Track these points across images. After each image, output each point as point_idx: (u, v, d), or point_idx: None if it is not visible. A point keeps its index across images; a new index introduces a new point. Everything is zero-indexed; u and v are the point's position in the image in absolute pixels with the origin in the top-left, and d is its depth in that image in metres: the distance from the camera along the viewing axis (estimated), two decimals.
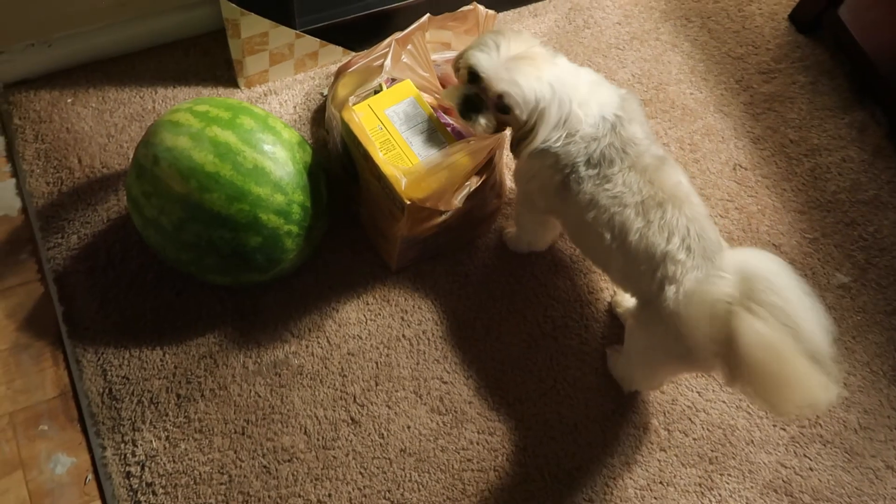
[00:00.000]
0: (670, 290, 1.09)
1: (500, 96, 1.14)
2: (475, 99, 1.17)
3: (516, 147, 1.21)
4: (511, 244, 1.45)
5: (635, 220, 1.12)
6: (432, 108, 1.30)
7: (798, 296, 1.00)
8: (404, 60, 1.36)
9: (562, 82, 1.13)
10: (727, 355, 1.03)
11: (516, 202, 1.39)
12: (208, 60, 1.56)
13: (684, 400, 1.38)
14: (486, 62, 1.13)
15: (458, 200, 1.22)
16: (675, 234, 1.10)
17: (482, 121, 1.18)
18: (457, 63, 1.20)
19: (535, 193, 1.27)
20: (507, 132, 1.24)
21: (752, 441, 1.37)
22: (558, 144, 1.16)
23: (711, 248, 1.10)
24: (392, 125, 1.24)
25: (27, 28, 1.42)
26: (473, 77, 1.15)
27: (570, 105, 1.14)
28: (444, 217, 1.28)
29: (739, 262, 1.05)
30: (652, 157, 1.15)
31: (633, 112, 1.17)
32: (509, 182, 1.47)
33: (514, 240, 1.44)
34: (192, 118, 1.20)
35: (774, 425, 1.39)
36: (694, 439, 1.36)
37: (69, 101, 1.49)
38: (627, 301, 1.38)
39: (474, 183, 1.24)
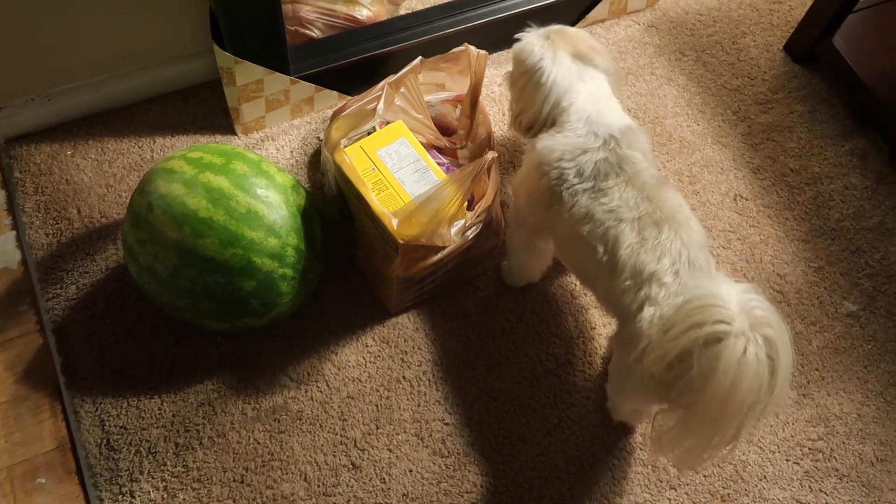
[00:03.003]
0: (648, 312, 1.06)
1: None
2: None
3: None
4: (506, 276, 1.44)
5: (629, 235, 1.10)
6: (424, 147, 1.31)
7: (785, 336, 0.97)
8: (397, 103, 1.38)
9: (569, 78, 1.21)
10: (683, 376, 0.99)
11: (509, 223, 1.38)
12: (206, 109, 1.58)
13: None
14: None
15: (453, 234, 1.21)
16: (665, 256, 1.08)
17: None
18: None
19: (523, 201, 1.26)
20: (488, 155, 1.24)
21: (765, 476, 1.33)
22: (544, 143, 1.18)
23: (701, 278, 1.08)
24: (384, 165, 1.25)
25: (28, 83, 1.45)
26: None
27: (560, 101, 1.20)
28: (439, 256, 1.27)
29: (731, 293, 0.99)
30: (651, 176, 1.15)
31: (635, 142, 1.17)
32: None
33: (508, 271, 1.44)
34: (185, 165, 1.21)
35: (787, 460, 1.35)
36: (704, 476, 1.33)
37: (69, 153, 1.51)
38: None
39: (470, 218, 1.24)
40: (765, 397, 0.96)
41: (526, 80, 1.23)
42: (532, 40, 1.24)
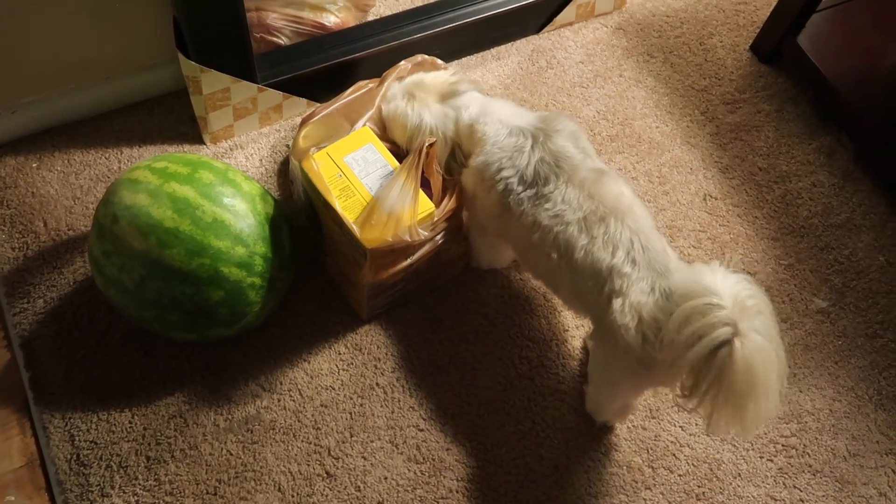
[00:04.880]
0: (617, 303, 1.08)
1: None
2: None
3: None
4: (473, 261, 1.45)
5: (579, 237, 1.12)
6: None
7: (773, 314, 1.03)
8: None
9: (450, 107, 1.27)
10: (699, 371, 1.03)
11: (469, 228, 1.39)
12: (173, 118, 1.57)
13: (667, 435, 1.35)
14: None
15: (420, 230, 1.21)
16: (619, 248, 1.10)
17: None
18: None
19: (481, 216, 1.28)
20: (426, 141, 1.25)
21: (740, 474, 1.34)
22: (479, 160, 1.20)
23: (657, 259, 1.10)
24: (351, 172, 1.24)
25: None
26: None
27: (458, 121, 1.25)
28: (409, 261, 1.27)
29: (722, 284, 1.02)
30: (589, 170, 1.16)
31: (559, 126, 1.19)
32: None
33: (475, 257, 1.44)
34: (150, 175, 1.20)
35: (761, 457, 1.35)
36: (679, 475, 1.33)
37: (34, 165, 1.49)
38: None
39: (438, 214, 1.24)
40: (780, 367, 1.02)
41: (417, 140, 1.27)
42: (399, 105, 1.29)
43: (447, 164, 1.27)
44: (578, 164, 1.16)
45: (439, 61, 1.50)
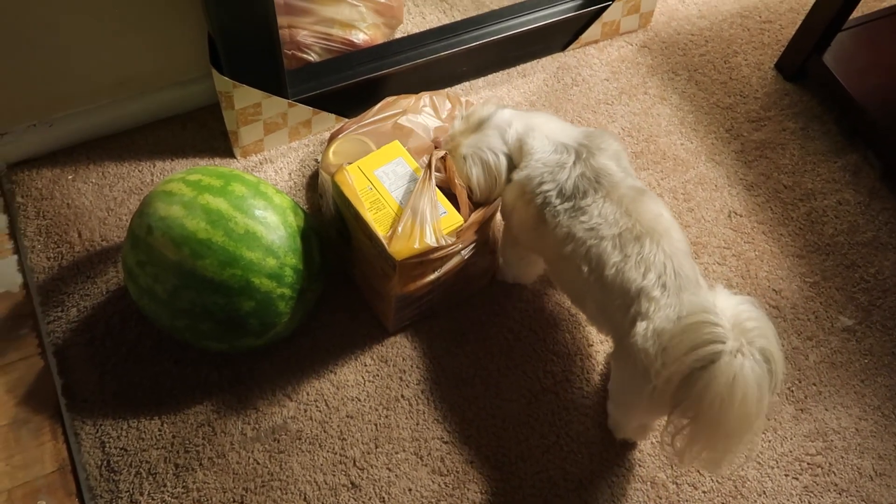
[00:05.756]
0: (641, 326, 1.07)
1: None
2: None
3: None
4: (499, 274, 1.46)
5: (612, 254, 1.12)
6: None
7: (777, 342, 1.01)
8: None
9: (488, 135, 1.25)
10: (687, 396, 1.02)
11: (501, 239, 1.40)
12: (205, 133, 1.60)
13: None
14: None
15: (446, 236, 1.22)
16: (651, 270, 1.09)
17: None
18: None
19: (516, 229, 1.29)
20: (436, 153, 1.28)
21: (765, 492, 1.33)
22: (522, 174, 1.21)
23: (688, 287, 1.09)
24: (381, 185, 1.26)
25: (29, 109, 1.47)
26: None
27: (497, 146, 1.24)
28: (437, 274, 1.28)
29: (725, 306, 1.02)
30: (629, 187, 1.16)
31: (603, 144, 1.20)
32: None
33: (501, 270, 1.45)
34: (184, 187, 1.22)
35: (787, 475, 1.35)
36: (704, 492, 1.33)
37: (70, 177, 1.53)
38: None
39: (465, 226, 1.25)
40: (765, 400, 0.99)
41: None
42: (449, 163, 1.29)
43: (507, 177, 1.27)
44: (619, 181, 1.16)
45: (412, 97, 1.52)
